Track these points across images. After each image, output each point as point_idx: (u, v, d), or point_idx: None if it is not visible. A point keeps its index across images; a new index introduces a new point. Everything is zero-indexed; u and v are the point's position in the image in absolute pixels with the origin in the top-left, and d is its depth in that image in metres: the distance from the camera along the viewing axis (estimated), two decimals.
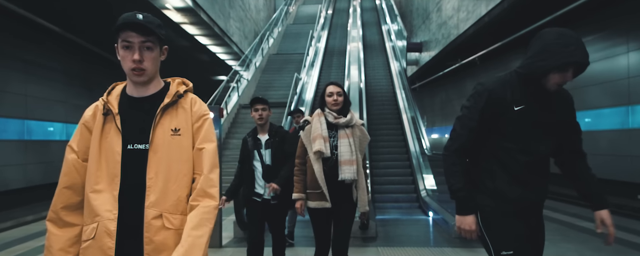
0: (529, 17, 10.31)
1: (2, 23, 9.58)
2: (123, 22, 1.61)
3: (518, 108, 2.03)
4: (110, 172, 1.65)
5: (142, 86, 1.72)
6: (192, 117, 1.74)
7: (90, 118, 1.71)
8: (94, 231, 1.60)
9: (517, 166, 2.05)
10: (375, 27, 21.07)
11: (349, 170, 3.07)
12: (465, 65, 15.61)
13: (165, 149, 1.68)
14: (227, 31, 14.09)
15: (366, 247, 5.01)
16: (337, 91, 3.21)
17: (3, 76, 10.08)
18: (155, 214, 1.62)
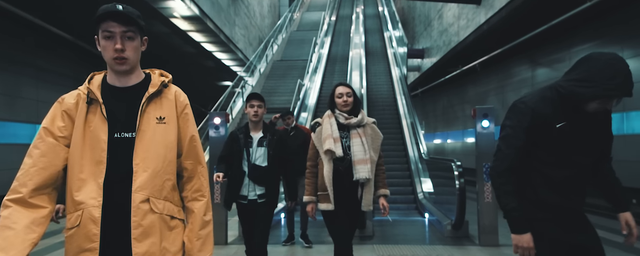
0: (527, 25, 10.55)
1: (15, 31, 9.94)
2: (104, 12, 1.64)
3: (559, 125, 2.03)
4: (95, 160, 1.65)
5: (124, 75, 1.74)
6: (177, 108, 1.79)
7: (73, 106, 1.70)
8: (79, 219, 1.60)
9: (558, 180, 2.07)
10: (378, 34, 21.37)
11: (363, 169, 3.06)
12: (467, 71, 15.84)
13: (151, 136, 1.70)
14: (232, 38, 14.43)
15: (363, 245, 5.29)
16: (347, 92, 3.20)
17: (16, 82, 10.44)
18: (142, 198, 1.63)
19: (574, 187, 2.08)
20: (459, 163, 6.18)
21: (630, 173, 9.30)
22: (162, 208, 1.68)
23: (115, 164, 1.64)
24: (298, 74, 14.75)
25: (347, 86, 3.24)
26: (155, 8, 9.87)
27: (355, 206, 3.18)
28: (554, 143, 2.04)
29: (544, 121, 2.01)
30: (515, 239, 2.08)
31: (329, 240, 5.00)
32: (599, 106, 1.92)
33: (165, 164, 1.69)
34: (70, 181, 1.64)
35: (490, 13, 11.35)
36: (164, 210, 1.68)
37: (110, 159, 1.64)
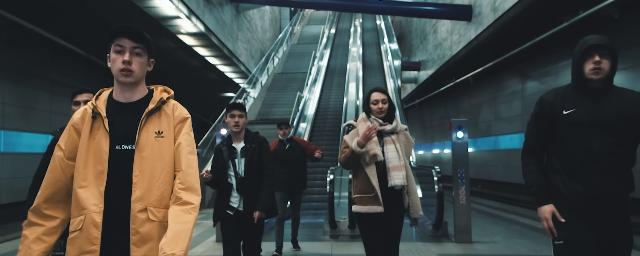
0: (515, 40, 11.04)
1: (31, 45, 10.57)
2: (117, 28, 1.80)
3: (567, 112, 2.24)
4: (97, 169, 1.77)
5: (128, 90, 1.86)
6: (173, 121, 1.89)
7: (79, 121, 1.84)
8: (81, 223, 1.72)
9: (573, 164, 2.24)
10: (375, 47, 21.99)
11: (398, 176, 3.01)
12: (461, 83, 16.37)
13: (149, 150, 1.81)
14: (235, 52, 15.08)
15: (352, 242, 5.87)
16: (382, 98, 3.16)
17: (32, 94, 11.07)
18: (140, 208, 1.74)
19: (588, 173, 2.20)
20: (438, 169, 6.78)
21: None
22: (162, 216, 1.78)
23: (116, 174, 1.76)
24: (298, 86, 15.36)
25: (382, 93, 3.20)
26: (163, 26, 10.52)
27: (395, 213, 3.10)
28: (564, 127, 2.25)
29: (550, 107, 2.28)
30: (539, 212, 2.30)
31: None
32: (592, 65, 2.18)
33: (162, 176, 1.80)
34: (75, 190, 1.76)
35: (480, 29, 11.93)
36: (162, 218, 1.78)
37: (111, 169, 1.76)
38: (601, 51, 2.20)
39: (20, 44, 10.04)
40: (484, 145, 15.76)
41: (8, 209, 9.89)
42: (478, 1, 11.89)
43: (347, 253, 5.50)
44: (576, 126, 2.22)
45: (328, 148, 10.41)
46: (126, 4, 8.92)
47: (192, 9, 10.61)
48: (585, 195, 2.21)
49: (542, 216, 2.27)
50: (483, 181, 15.28)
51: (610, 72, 2.24)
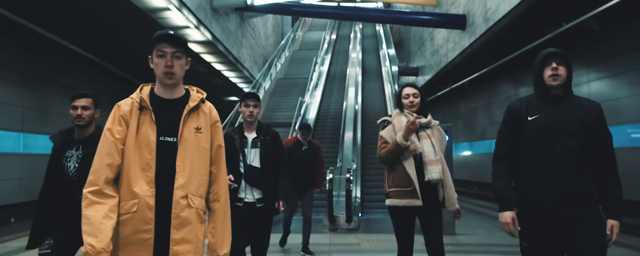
0: (507, 48, 11.52)
1: (46, 51, 11.15)
2: (158, 35, 1.97)
3: (531, 118, 2.37)
4: (146, 157, 1.93)
5: (170, 89, 2.04)
6: (210, 120, 2.10)
7: (128, 111, 1.98)
8: (135, 206, 1.88)
9: (536, 167, 2.35)
10: (374, 54, 22.52)
11: (435, 170, 3.01)
12: (457, 89, 16.87)
13: (189, 143, 1.99)
14: (240, 58, 15.67)
15: (349, 234, 6.48)
16: (413, 93, 3.18)
17: (48, 99, 11.67)
18: (182, 194, 1.93)
19: (548, 175, 2.31)
20: None
21: None
22: (198, 204, 1.98)
23: (161, 163, 1.93)
24: (299, 91, 15.91)
25: (414, 87, 3.23)
26: None
27: (433, 207, 3.09)
28: (528, 133, 2.36)
29: (517, 114, 2.42)
30: (499, 216, 2.41)
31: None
32: (550, 71, 2.33)
33: (200, 168, 2.00)
34: (126, 175, 1.91)
35: (473, 38, 12.46)
36: (199, 206, 1.98)
37: (158, 157, 1.93)
38: (558, 59, 2.35)
39: (38, 51, 10.60)
40: (480, 148, 16.29)
41: (26, 208, 10.48)
42: (471, 11, 12.47)
43: (344, 242, 6.13)
44: (539, 130, 2.34)
45: (328, 151, 10.95)
46: (139, 15, 9.53)
47: (200, 19, 11.22)
48: (547, 197, 2.30)
49: (503, 221, 2.38)
50: (478, 183, 15.78)
51: (567, 79, 2.37)
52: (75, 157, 2.95)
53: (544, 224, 2.32)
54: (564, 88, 2.37)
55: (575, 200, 2.27)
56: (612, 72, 9.92)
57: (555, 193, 2.29)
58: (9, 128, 10.06)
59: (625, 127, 9.54)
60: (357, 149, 10.72)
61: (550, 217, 2.30)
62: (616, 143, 8.33)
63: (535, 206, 2.35)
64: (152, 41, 1.98)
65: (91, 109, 3.06)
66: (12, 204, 10.18)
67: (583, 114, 2.32)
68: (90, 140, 2.98)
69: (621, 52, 9.60)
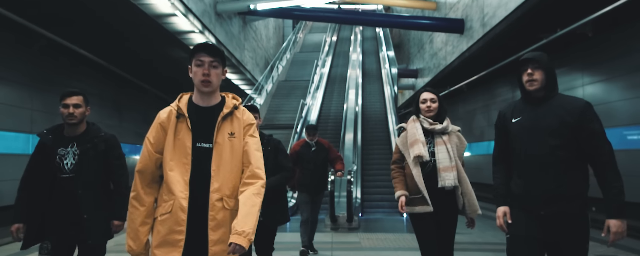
0: (505, 52, 11.65)
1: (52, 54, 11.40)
2: (197, 45, 2.10)
3: (515, 120, 2.47)
4: (182, 162, 2.04)
5: (207, 96, 2.14)
6: (242, 124, 2.18)
7: (166, 119, 2.11)
8: (170, 207, 2.00)
9: (521, 166, 2.44)
10: (374, 56, 22.80)
11: (449, 177, 2.99)
12: (456, 91, 17.13)
13: (224, 148, 2.09)
14: (242, 61, 15.95)
15: (350, 233, 6.76)
16: (431, 98, 3.18)
17: (55, 100, 11.88)
18: (217, 197, 2.03)
19: (532, 174, 2.38)
20: None
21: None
22: (233, 205, 2.06)
23: (197, 167, 2.05)
24: (301, 93, 16.19)
25: (431, 93, 3.21)
26: (178, 39, 11.42)
27: (448, 213, 3.10)
28: (513, 134, 2.47)
29: (504, 118, 2.54)
30: (496, 211, 2.53)
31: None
32: (526, 77, 2.43)
33: (234, 171, 2.10)
34: (166, 178, 2.05)
35: (471, 42, 12.69)
36: (234, 207, 2.06)
37: (193, 162, 2.05)
38: (533, 64, 2.43)
39: (46, 54, 10.87)
40: (478, 150, 16.53)
41: None
42: (469, 16, 12.74)
43: (345, 240, 6.42)
44: (522, 131, 2.44)
45: None
46: (145, 20, 9.81)
47: (205, 24, 11.50)
48: (531, 195, 2.38)
49: (497, 216, 2.51)
50: (477, 184, 16.00)
51: (546, 81, 2.42)
52: (71, 154, 2.90)
53: (527, 220, 2.39)
54: (544, 90, 2.43)
55: (557, 200, 2.31)
56: (606, 76, 10.18)
57: (538, 192, 2.35)
58: (18, 130, 10.34)
59: (618, 130, 9.79)
60: (358, 151, 11.00)
61: (533, 215, 2.37)
62: None
63: (520, 204, 2.44)
64: (191, 52, 2.11)
65: (82, 106, 3.00)
66: None
67: (564, 113, 2.35)
68: (85, 137, 2.95)
69: (614, 57, 9.86)
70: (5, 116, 9.90)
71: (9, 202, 9.86)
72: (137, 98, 17.42)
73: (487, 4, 11.13)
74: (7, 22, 8.75)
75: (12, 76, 10.13)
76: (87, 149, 2.90)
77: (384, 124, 13.98)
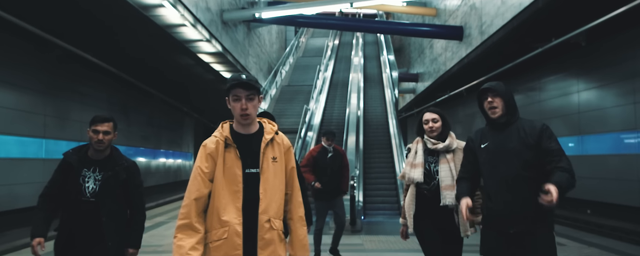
0: (503, 58, 12.07)
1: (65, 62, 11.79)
2: (234, 82, 2.17)
3: (483, 145, 2.62)
4: (233, 189, 2.14)
5: (247, 126, 2.26)
6: (283, 148, 2.32)
7: (214, 150, 2.21)
8: (225, 233, 2.09)
9: (490, 188, 2.59)
10: (375, 61, 23.14)
11: (450, 195, 3.03)
12: (455, 95, 17.47)
13: (269, 172, 2.21)
14: (246, 66, 16.32)
15: (353, 235, 7.13)
16: (433, 118, 3.22)
17: (66, 106, 12.32)
18: (266, 218, 2.14)
19: (498, 194, 2.53)
20: None
21: (584, 187, 10.98)
22: (278, 226, 2.20)
23: (247, 192, 2.15)
24: (304, 98, 16.53)
25: (433, 113, 3.25)
26: (186, 47, 11.80)
27: (451, 231, 3.13)
28: (481, 158, 2.62)
29: (473, 143, 2.70)
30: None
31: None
32: (487, 105, 2.60)
33: (280, 193, 2.23)
34: (216, 205, 2.13)
35: (470, 49, 13.00)
36: (279, 227, 2.20)
37: (244, 188, 2.15)
38: (492, 93, 2.60)
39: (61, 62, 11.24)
40: None
41: None
42: (468, 24, 13.09)
43: (349, 243, 6.77)
44: (489, 155, 2.60)
45: None
46: (157, 30, 10.19)
47: (212, 33, 11.87)
48: (500, 214, 2.53)
49: (460, 209, 2.68)
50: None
51: (507, 108, 2.59)
52: (93, 179, 2.94)
53: (498, 240, 2.54)
54: (506, 116, 2.59)
55: (525, 219, 2.44)
56: (600, 83, 10.54)
57: (506, 212, 2.49)
58: (32, 135, 10.72)
59: (611, 135, 10.15)
60: (360, 155, 11.34)
61: (503, 234, 2.51)
62: (602, 150, 9.03)
63: (492, 224, 2.59)
64: (227, 87, 2.21)
65: (111, 133, 3.02)
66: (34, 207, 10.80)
67: (525, 135, 2.50)
68: (108, 162, 3.00)
69: (607, 65, 10.22)
70: (21, 122, 10.29)
71: (24, 205, 10.33)
72: (143, 102, 17.80)
73: (485, 13, 11.48)
74: (27, 33, 9.14)
75: (28, 84, 10.52)
76: (108, 177, 2.93)
77: (385, 128, 14.33)
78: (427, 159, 3.20)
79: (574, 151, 11.45)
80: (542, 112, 12.91)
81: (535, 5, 8.56)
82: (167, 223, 8.88)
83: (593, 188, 10.65)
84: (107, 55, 11.88)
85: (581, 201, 11.05)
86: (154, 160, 19.73)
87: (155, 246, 6.75)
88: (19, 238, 9.03)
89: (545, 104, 12.76)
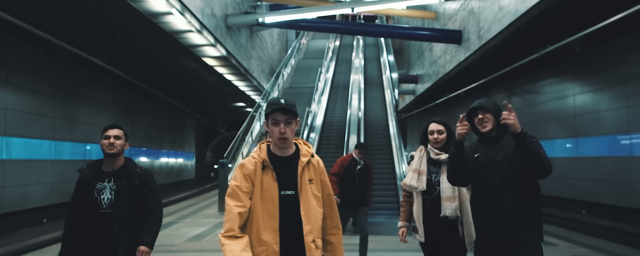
0: (501, 62, 12.35)
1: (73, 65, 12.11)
2: (274, 108, 2.21)
3: (476, 155, 2.68)
4: (270, 210, 2.19)
5: (285, 148, 2.31)
6: (318, 171, 2.37)
7: (252, 171, 2.25)
8: (264, 252, 2.14)
9: (478, 198, 2.68)
10: (376, 63, 23.34)
11: (450, 206, 3.06)
12: (454, 97, 17.70)
13: (306, 193, 2.27)
14: (249, 69, 16.60)
15: (353, 236, 7.37)
16: (438, 129, 3.22)
17: (74, 108, 12.63)
18: (311, 239, 2.20)
19: (485, 205, 2.62)
20: None
21: (579, 188, 11.29)
22: (320, 245, 2.27)
23: (283, 213, 2.20)
24: (305, 100, 16.76)
25: (439, 124, 3.26)
26: (191, 51, 12.10)
27: (454, 243, 3.14)
28: (474, 169, 2.69)
29: (466, 153, 2.74)
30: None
31: None
32: (478, 121, 2.68)
33: (317, 214, 2.28)
34: (255, 225, 2.19)
35: (468, 53, 13.16)
36: (321, 246, 2.28)
37: (280, 209, 2.20)
38: (481, 110, 2.68)
39: (69, 65, 11.57)
40: None
41: (57, 209, 11.43)
42: (466, 28, 13.35)
43: (350, 242, 7.00)
44: (480, 165, 2.68)
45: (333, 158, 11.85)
46: (164, 35, 10.49)
47: (217, 38, 12.16)
48: (489, 223, 2.60)
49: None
50: None
51: (496, 123, 2.65)
52: (108, 189, 2.96)
53: (486, 248, 2.62)
54: (496, 130, 2.68)
55: (512, 227, 2.51)
56: (595, 87, 10.83)
57: (494, 220, 2.56)
58: (42, 137, 11.03)
59: (605, 138, 10.44)
60: None
61: (490, 242, 2.59)
62: (596, 152, 9.34)
63: (479, 233, 2.68)
64: (267, 111, 2.25)
65: (122, 139, 3.03)
66: (44, 207, 11.15)
67: (512, 146, 2.56)
68: (122, 172, 3.03)
69: (601, 70, 10.52)
70: (31, 124, 10.59)
71: (35, 205, 10.64)
72: (147, 104, 18.12)
73: (483, 18, 11.75)
74: (38, 39, 9.44)
75: (39, 87, 10.82)
76: (123, 185, 2.96)
77: (385, 129, 14.56)
78: (429, 169, 3.22)
79: (569, 153, 11.74)
80: (539, 114, 13.19)
81: (531, 13, 8.84)
82: (177, 223, 9.13)
83: (588, 189, 10.97)
84: (114, 59, 12.18)
85: (577, 201, 11.36)
86: (157, 160, 20.05)
87: (168, 245, 6.92)
88: (31, 237, 9.35)
89: (541, 106, 13.05)
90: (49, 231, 10.00)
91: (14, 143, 10.03)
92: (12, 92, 9.90)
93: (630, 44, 9.54)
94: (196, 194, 18.44)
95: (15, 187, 10.11)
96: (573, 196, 11.50)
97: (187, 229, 8.38)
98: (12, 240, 9.22)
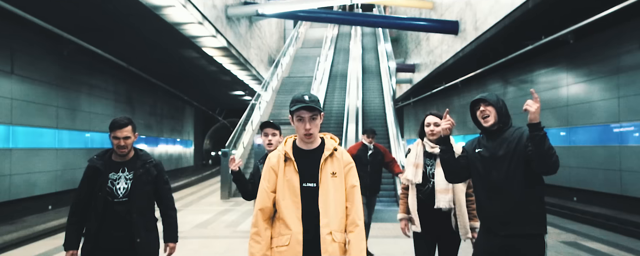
0: (496, 54, 12.60)
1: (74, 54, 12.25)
2: (299, 106, 2.26)
3: (477, 151, 2.66)
4: (293, 200, 2.26)
5: (310, 142, 2.35)
6: (343, 164, 2.36)
7: (276, 164, 2.33)
8: (288, 240, 2.22)
9: (480, 193, 2.67)
10: (373, 52, 23.42)
11: (443, 199, 3.08)
12: (451, 86, 17.90)
13: (328, 186, 2.28)
14: (248, 58, 16.76)
15: None
16: (435, 122, 3.23)
17: (76, 98, 12.81)
18: (327, 231, 2.22)
19: (487, 200, 2.61)
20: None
21: (573, 176, 11.60)
22: (340, 238, 2.27)
23: (305, 204, 2.26)
24: (304, 89, 16.91)
25: (436, 116, 3.26)
26: (192, 42, 12.27)
27: (448, 234, 3.17)
28: (475, 163, 2.69)
29: (466, 150, 2.77)
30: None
31: None
32: (480, 114, 2.67)
33: (339, 207, 2.29)
34: (281, 214, 2.28)
35: (464, 44, 13.33)
36: (341, 240, 2.27)
37: (302, 201, 2.27)
38: (484, 103, 2.67)
39: (70, 56, 11.72)
40: None
41: (61, 196, 11.69)
42: (463, 19, 13.52)
43: None
44: (482, 160, 2.66)
45: None
46: (166, 26, 10.66)
47: (217, 29, 12.31)
48: (492, 217, 2.60)
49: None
50: None
51: (498, 116, 2.64)
52: (124, 178, 2.98)
53: (490, 242, 2.63)
54: (498, 124, 2.65)
55: (515, 221, 2.51)
56: (587, 78, 11.08)
57: (498, 214, 2.56)
58: (46, 126, 11.23)
59: (597, 127, 10.71)
60: None
61: (494, 236, 2.59)
62: (589, 142, 9.68)
63: (485, 227, 2.67)
64: (292, 108, 2.31)
65: (132, 137, 3.00)
66: (49, 194, 11.40)
67: (513, 140, 2.57)
68: (135, 162, 3.04)
69: (593, 61, 10.75)
70: (36, 114, 10.79)
71: (40, 192, 10.89)
72: (147, 93, 18.30)
73: (480, 10, 11.93)
74: (44, 30, 9.59)
75: (43, 78, 11.00)
76: (141, 174, 2.99)
77: (382, 118, 14.74)
78: (425, 161, 3.24)
79: (562, 142, 12.03)
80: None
81: (526, 6, 9.06)
82: (182, 211, 9.34)
83: (580, 177, 11.29)
84: (116, 49, 12.34)
85: (568, 188, 11.67)
86: (157, 147, 20.28)
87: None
88: (37, 224, 9.62)
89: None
90: (55, 218, 10.29)
91: (19, 132, 10.24)
92: (17, 83, 10.07)
93: (621, 37, 9.77)
94: (196, 182, 18.69)
95: (21, 175, 10.34)
96: (565, 183, 11.81)
97: (192, 216, 8.63)
98: (21, 226, 9.48)
